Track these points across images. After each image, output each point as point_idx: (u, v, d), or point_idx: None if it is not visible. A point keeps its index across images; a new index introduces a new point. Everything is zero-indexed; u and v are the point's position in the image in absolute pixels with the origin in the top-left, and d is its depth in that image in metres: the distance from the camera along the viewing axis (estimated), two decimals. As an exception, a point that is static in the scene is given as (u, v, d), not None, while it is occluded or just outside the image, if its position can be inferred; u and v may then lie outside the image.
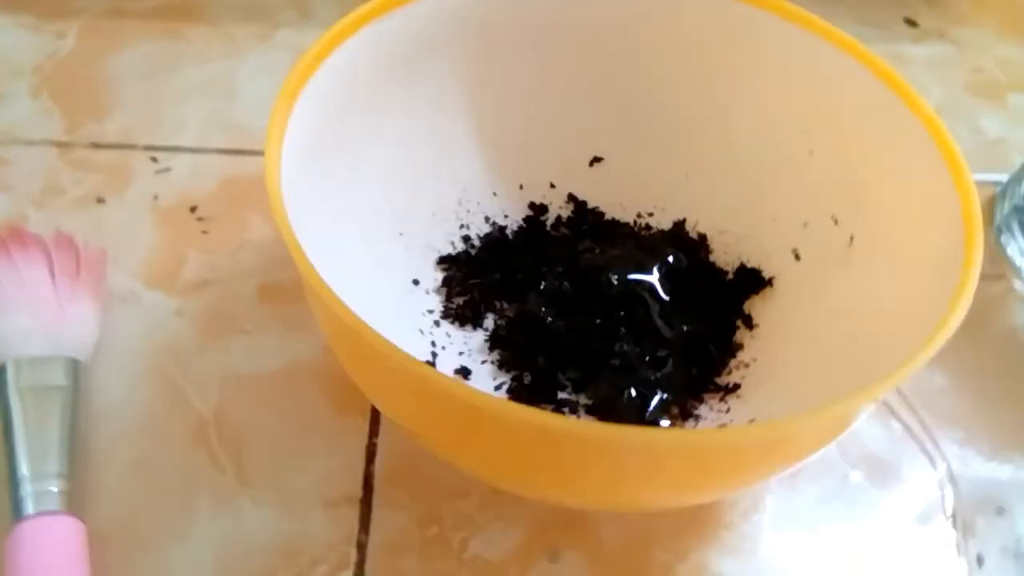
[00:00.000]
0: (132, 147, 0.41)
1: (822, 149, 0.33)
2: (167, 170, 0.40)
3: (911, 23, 0.51)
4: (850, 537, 0.31)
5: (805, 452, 0.26)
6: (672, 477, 0.25)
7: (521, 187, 0.38)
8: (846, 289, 0.31)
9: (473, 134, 0.37)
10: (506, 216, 0.37)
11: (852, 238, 0.32)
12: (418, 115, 0.35)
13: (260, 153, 0.41)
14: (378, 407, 0.31)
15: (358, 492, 0.31)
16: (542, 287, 0.34)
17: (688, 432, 0.24)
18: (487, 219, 0.37)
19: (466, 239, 0.36)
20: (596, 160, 0.38)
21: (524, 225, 0.37)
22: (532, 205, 0.37)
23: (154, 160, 0.40)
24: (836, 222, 0.32)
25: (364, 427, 0.32)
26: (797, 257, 0.34)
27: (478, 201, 0.37)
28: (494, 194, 0.37)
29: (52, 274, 0.32)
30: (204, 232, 0.38)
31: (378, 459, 0.31)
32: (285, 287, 0.36)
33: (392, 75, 0.33)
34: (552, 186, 0.38)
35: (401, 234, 0.35)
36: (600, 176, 0.38)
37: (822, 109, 0.33)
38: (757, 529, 0.31)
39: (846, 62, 0.32)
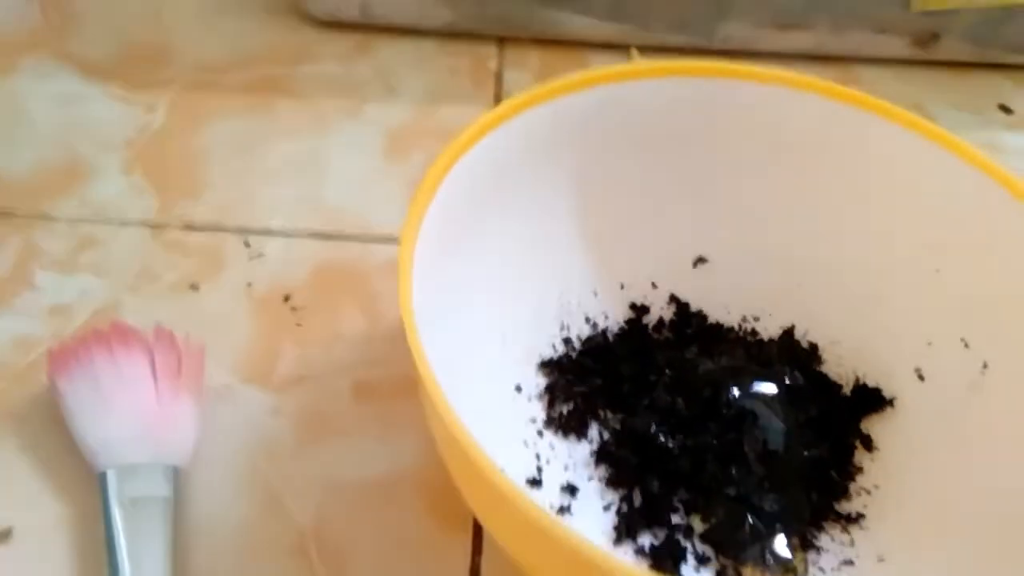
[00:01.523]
0: (224, 229, 0.40)
1: (948, 265, 0.32)
2: (260, 255, 0.39)
3: (1006, 110, 0.50)
4: None
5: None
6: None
7: (622, 287, 0.37)
8: (980, 418, 0.30)
9: (577, 232, 0.36)
10: (606, 316, 0.36)
11: (985, 364, 0.30)
12: (528, 217, 0.34)
13: (351, 238, 0.41)
14: (495, 536, 0.30)
15: (463, 616, 0.30)
16: (651, 400, 0.33)
17: None
18: (587, 319, 0.36)
19: (567, 341, 0.35)
20: (700, 261, 0.37)
21: (625, 327, 0.36)
22: (633, 306, 0.36)
23: (247, 244, 0.40)
24: (967, 345, 0.31)
25: (467, 542, 0.31)
26: (921, 378, 0.32)
27: (579, 301, 0.36)
28: (595, 294, 0.36)
29: (154, 374, 0.32)
30: (298, 324, 0.37)
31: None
32: (381, 385, 0.35)
33: (508, 178, 0.32)
34: (654, 286, 0.37)
35: (503, 336, 0.34)
36: (704, 278, 0.37)
37: (947, 223, 0.32)
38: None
39: (970, 174, 0.30)
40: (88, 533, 0.30)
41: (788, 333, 0.35)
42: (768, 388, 0.33)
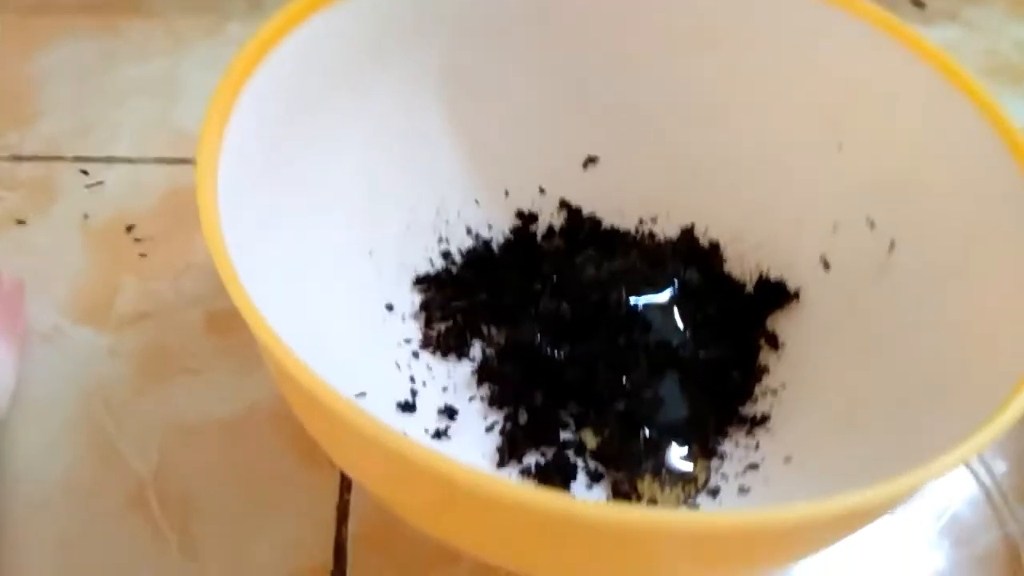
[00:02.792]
0: (59, 158, 0.36)
1: (853, 141, 0.29)
2: (99, 184, 0.35)
3: (918, 4, 0.47)
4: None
5: (865, 524, 0.21)
6: (707, 563, 0.20)
7: (507, 193, 0.33)
8: (889, 305, 0.27)
9: (450, 134, 0.32)
10: (491, 227, 0.33)
11: (893, 243, 0.28)
12: (385, 114, 0.30)
13: (207, 162, 0.37)
14: (348, 474, 0.26)
15: (329, 562, 0.26)
16: (537, 309, 0.29)
17: (748, 515, 0.19)
18: (469, 231, 0.32)
19: (446, 255, 0.32)
20: (590, 160, 0.33)
21: (512, 237, 0.32)
22: (520, 214, 0.33)
23: (84, 173, 0.35)
24: (872, 225, 0.28)
25: (335, 481, 0.27)
26: (826, 266, 0.29)
27: (458, 211, 0.32)
28: (476, 202, 0.32)
29: (-44, 313, 0.27)
30: (142, 255, 0.33)
31: (352, 520, 0.27)
32: (238, 317, 0.31)
33: (354, 68, 0.28)
34: (542, 191, 0.33)
35: (371, 252, 0.30)
36: (595, 179, 0.33)
37: (851, 95, 0.29)
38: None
39: (878, 39, 0.27)
40: None
41: (687, 232, 0.32)
42: (662, 290, 0.30)
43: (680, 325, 0.29)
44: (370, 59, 0.29)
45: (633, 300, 0.29)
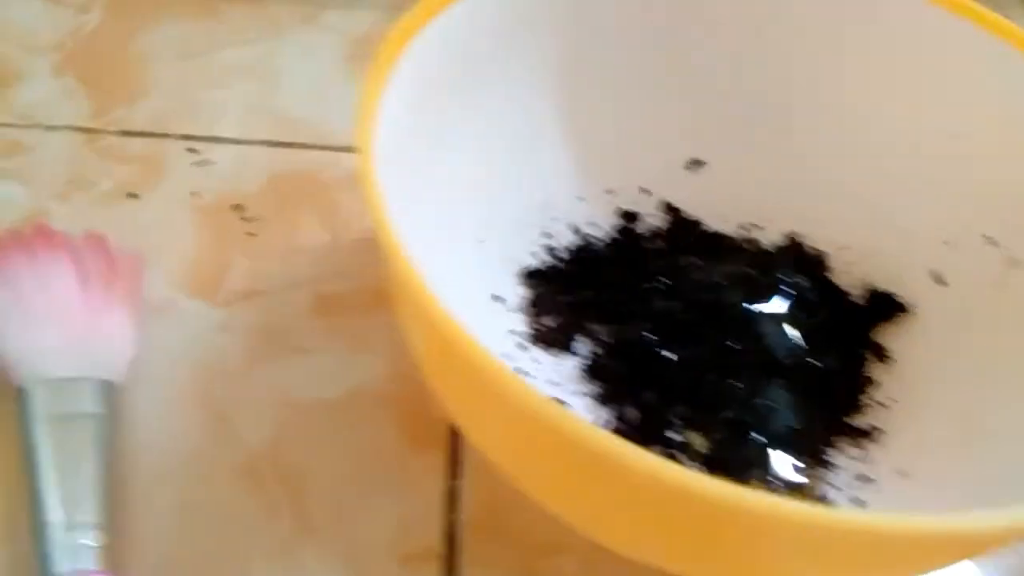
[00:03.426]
0: (166, 136, 0.36)
1: (968, 153, 0.29)
2: (207, 163, 0.35)
3: None
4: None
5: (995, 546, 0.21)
6: (847, 564, 0.20)
7: (610, 192, 0.33)
8: (1008, 319, 0.27)
9: (560, 130, 0.32)
10: (592, 224, 0.33)
11: (1013, 261, 0.28)
12: (502, 107, 0.31)
13: (309, 146, 0.37)
14: (467, 435, 0.26)
15: (439, 546, 0.26)
16: (646, 308, 0.29)
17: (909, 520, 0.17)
18: (572, 228, 0.33)
19: (551, 250, 0.32)
20: (695, 163, 0.33)
21: (616, 235, 0.33)
22: (623, 213, 0.33)
23: (192, 151, 0.36)
24: (990, 241, 0.28)
25: (443, 466, 0.28)
26: (939, 280, 0.30)
27: (564, 208, 0.33)
28: (580, 199, 0.33)
29: (82, 281, 0.28)
30: (250, 234, 0.33)
31: (461, 505, 0.27)
32: (345, 299, 0.32)
33: (479, 59, 0.29)
34: (645, 192, 0.33)
35: (481, 242, 0.31)
36: (699, 182, 0.33)
37: (972, 105, 0.29)
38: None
39: (1003, 50, 0.28)
40: (10, 454, 0.26)
41: (792, 240, 0.32)
42: (773, 296, 0.30)
43: (790, 333, 0.29)
44: (494, 51, 0.29)
45: (745, 305, 0.29)
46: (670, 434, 0.28)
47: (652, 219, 0.33)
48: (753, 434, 0.27)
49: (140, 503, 0.26)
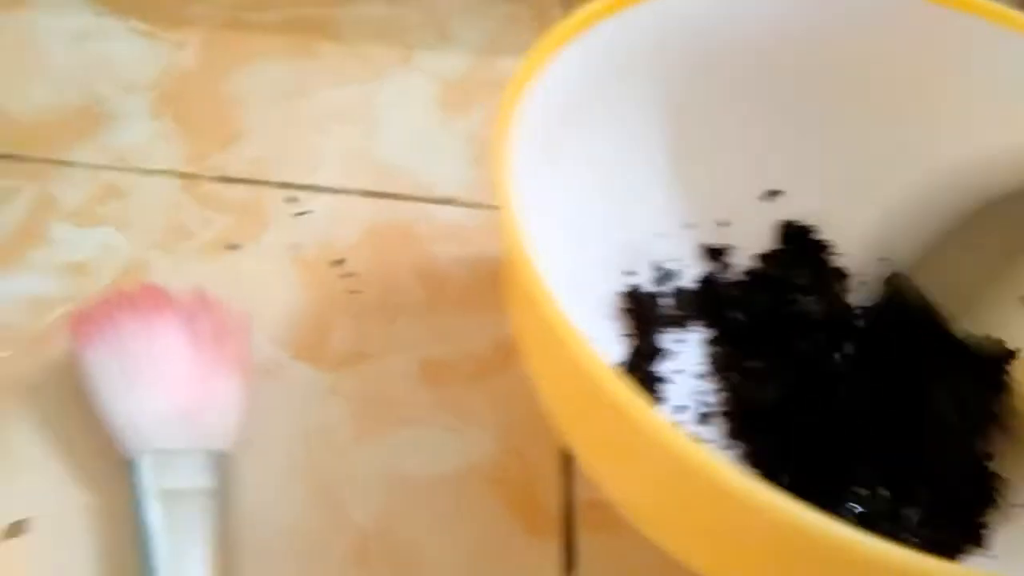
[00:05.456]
0: (265, 183, 0.35)
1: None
2: (307, 213, 0.35)
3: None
4: None
5: None
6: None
7: (690, 226, 0.32)
8: None
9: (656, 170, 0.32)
10: (675, 260, 0.32)
11: None
12: (609, 141, 0.30)
13: (406, 197, 0.37)
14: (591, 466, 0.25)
15: (558, 641, 0.25)
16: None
17: None
18: (654, 266, 0.31)
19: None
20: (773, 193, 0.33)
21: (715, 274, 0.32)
22: (711, 250, 0.32)
23: (292, 200, 0.35)
24: None
25: (557, 552, 0.27)
26: None
27: (648, 244, 0.32)
28: (659, 235, 0.32)
29: (192, 345, 0.27)
30: (353, 292, 0.32)
31: (578, 597, 0.26)
32: (452, 367, 0.31)
33: (593, 92, 0.28)
34: (723, 224, 0.32)
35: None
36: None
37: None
38: None
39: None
40: (116, 527, 0.25)
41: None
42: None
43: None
44: (605, 84, 0.29)
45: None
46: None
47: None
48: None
49: (248, 582, 0.25)
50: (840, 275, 0.32)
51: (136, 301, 0.28)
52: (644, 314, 0.30)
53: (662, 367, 0.29)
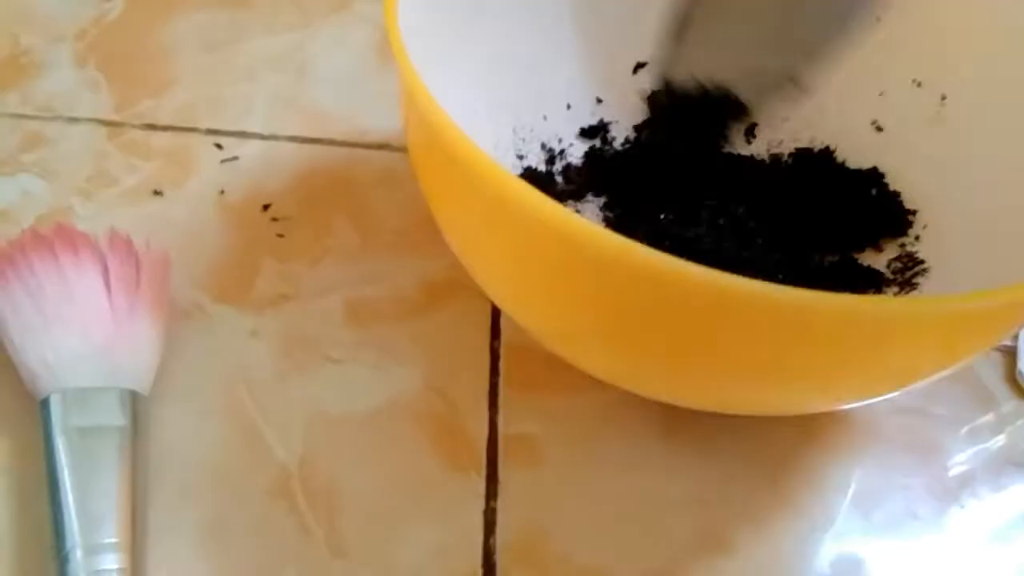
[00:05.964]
0: (193, 130, 0.35)
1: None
2: (234, 159, 0.34)
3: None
4: None
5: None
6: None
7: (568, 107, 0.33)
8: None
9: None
10: (560, 140, 0.33)
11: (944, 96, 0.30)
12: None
13: (340, 143, 0.36)
14: (493, 298, 0.27)
15: (478, 571, 0.25)
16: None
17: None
18: (543, 146, 0.32)
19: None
20: (640, 66, 0.33)
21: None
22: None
23: (219, 147, 0.34)
24: (919, 85, 0.30)
25: (480, 486, 0.27)
26: (879, 129, 0.31)
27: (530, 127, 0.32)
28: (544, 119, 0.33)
29: (107, 285, 0.27)
30: (279, 236, 0.32)
31: (499, 529, 0.26)
32: (378, 308, 0.30)
33: None
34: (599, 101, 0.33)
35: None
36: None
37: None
38: None
39: None
40: (28, 469, 0.25)
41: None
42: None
43: None
44: None
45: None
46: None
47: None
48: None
49: (164, 522, 0.25)
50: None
51: (51, 242, 0.27)
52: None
53: None
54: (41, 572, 0.23)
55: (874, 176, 0.31)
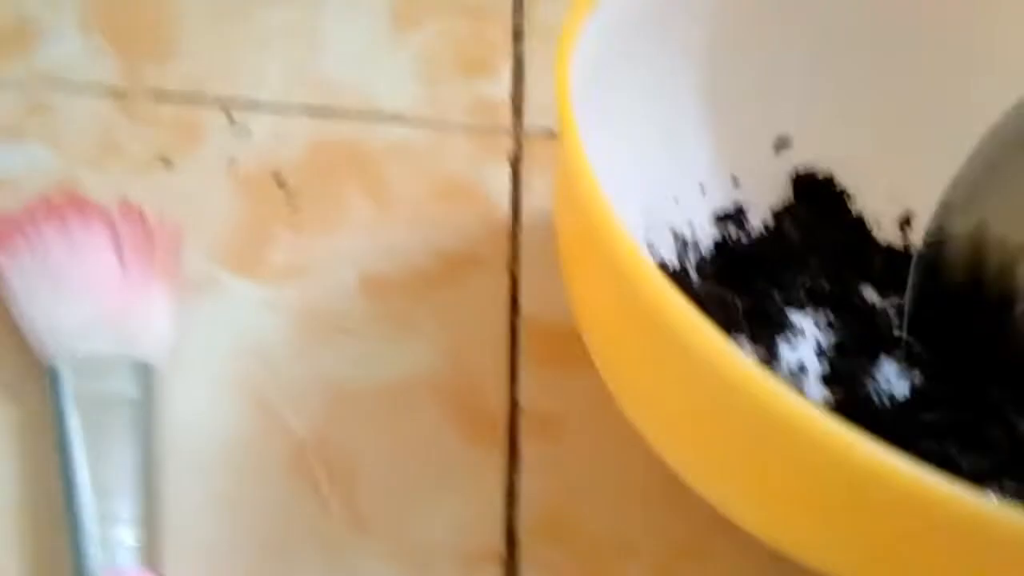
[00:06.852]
0: (202, 100, 0.34)
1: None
2: (246, 130, 0.33)
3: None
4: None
5: None
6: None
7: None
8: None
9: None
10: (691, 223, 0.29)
11: None
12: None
13: (354, 115, 0.35)
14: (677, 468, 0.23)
15: (500, 547, 0.25)
16: None
17: None
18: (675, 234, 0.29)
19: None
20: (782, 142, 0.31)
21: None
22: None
23: (229, 116, 0.34)
24: None
25: (501, 461, 0.26)
26: None
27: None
28: (675, 200, 0.29)
29: (118, 253, 0.26)
30: (292, 208, 0.31)
31: (522, 504, 0.25)
32: (395, 281, 0.30)
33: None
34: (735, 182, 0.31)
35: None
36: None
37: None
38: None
39: None
40: (38, 438, 0.24)
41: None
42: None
43: None
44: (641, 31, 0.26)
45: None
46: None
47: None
48: None
49: (178, 496, 0.24)
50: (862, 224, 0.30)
51: (61, 211, 0.27)
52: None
53: None
54: (54, 544, 0.23)
55: None
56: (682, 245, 0.29)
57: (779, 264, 0.29)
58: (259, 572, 0.24)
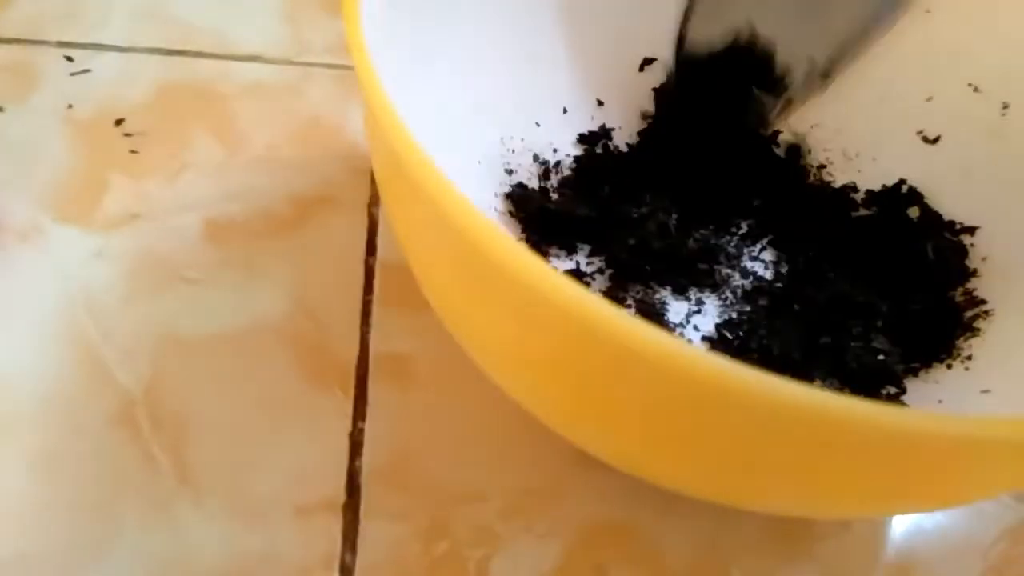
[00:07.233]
0: (41, 42, 0.32)
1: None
2: (85, 72, 0.31)
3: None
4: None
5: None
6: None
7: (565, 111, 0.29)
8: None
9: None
10: (555, 151, 0.29)
11: (1005, 105, 0.26)
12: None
13: (204, 55, 0.33)
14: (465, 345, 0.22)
15: (341, 496, 0.23)
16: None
17: None
18: (536, 157, 0.28)
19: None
20: (647, 62, 0.30)
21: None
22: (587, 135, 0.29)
23: (69, 59, 0.31)
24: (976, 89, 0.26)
25: (347, 407, 0.25)
26: (927, 140, 0.27)
27: (521, 137, 0.28)
28: (536, 124, 0.29)
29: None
30: (133, 152, 0.29)
31: (366, 451, 0.24)
32: (242, 224, 0.28)
33: None
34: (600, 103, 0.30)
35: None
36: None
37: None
38: (867, 540, 0.25)
39: None
40: None
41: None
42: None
43: None
44: None
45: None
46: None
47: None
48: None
49: (-9, 455, 0.23)
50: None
51: None
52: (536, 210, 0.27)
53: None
54: None
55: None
56: (542, 167, 0.28)
57: (639, 180, 0.28)
58: (79, 532, 0.22)
